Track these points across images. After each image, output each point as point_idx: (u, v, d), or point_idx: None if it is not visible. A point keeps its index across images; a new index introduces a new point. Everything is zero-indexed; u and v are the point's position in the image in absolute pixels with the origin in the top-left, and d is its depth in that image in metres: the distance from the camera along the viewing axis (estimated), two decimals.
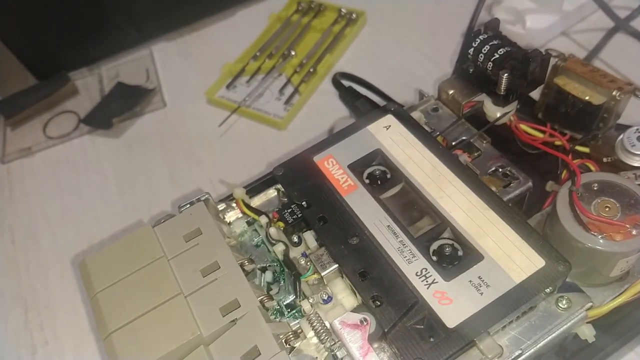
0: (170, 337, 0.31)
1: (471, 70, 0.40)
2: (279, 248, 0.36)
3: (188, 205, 0.37)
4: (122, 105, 0.61)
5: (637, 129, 0.38)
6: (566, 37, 0.59)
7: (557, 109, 0.42)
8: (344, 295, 0.33)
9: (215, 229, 0.35)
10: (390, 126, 0.39)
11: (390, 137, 0.38)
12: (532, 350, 0.30)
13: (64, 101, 0.64)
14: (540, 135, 0.42)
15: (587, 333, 0.32)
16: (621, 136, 0.38)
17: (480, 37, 0.39)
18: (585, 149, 0.41)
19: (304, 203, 0.36)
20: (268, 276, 0.36)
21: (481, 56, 0.39)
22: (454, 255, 0.32)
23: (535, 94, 0.43)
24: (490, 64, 0.38)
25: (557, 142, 0.42)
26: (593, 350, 0.35)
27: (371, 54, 0.62)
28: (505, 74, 0.37)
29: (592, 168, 0.39)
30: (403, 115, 0.39)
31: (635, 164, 0.38)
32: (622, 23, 0.57)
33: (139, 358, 0.30)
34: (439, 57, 0.59)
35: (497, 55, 0.38)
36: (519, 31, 0.57)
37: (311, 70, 0.59)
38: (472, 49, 0.39)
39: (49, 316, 0.47)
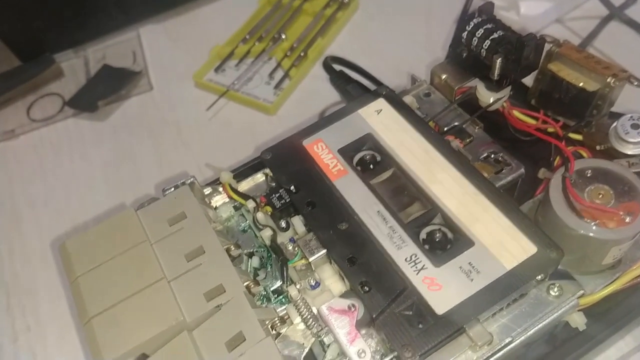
0: (152, 323, 0.30)
1: (464, 54, 0.39)
2: (266, 233, 0.35)
3: (172, 189, 0.36)
4: (108, 88, 0.60)
5: (631, 117, 0.38)
6: (560, 24, 0.58)
7: (551, 96, 0.41)
8: (332, 281, 0.33)
9: (200, 213, 0.34)
10: (381, 110, 0.38)
11: (381, 121, 0.38)
12: (523, 337, 0.30)
13: (48, 83, 0.63)
14: (533, 122, 0.41)
15: (578, 321, 0.32)
16: (615, 123, 0.38)
17: (474, 20, 0.38)
18: (579, 137, 0.41)
19: (292, 188, 0.36)
20: (255, 262, 0.35)
21: (475, 40, 0.38)
22: (444, 241, 0.32)
23: (529, 81, 0.43)
24: (484, 48, 0.37)
25: (550, 129, 0.41)
26: (583, 339, 0.34)
27: (363, 39, 0.61)
28: (499, 59, 0.37)
29: (585, 156, 0.38)
30: (395, 99, 0.39)
31: (629, 152, 0.37)
32: (617, 11, 0.57)
33: (120, 344, 0.29)
34: (432, 42, 0.58)
35: (491, 39, 0.37)
36: (513, 17, 0.56)
37: (302, 54, 0.58)
38: (465, 33, 0.38)
39: (32, 302, 0.46)
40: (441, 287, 0.29)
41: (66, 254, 0.33)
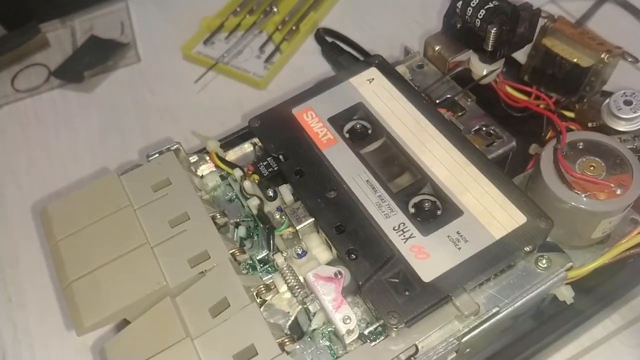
0: (134, 288, 0.29)
1: (459, 25, 0.39)
2: (253, 202, 0.34)
3: (157, 155, 0.35)
4: (95, 58, 0.59)
5: (624, 93, 0.37)
6: (555, 4, 0.57)
7: (544, 71, 0.41)
8: (319, 250, 0.32)
9: (185, 179, 0.33)
10: (373, 79, 0.37)
11: (372, 90, 0.37)
12: (510, 309, 0.29)
13: (33, 53, 0.62)
14: (526, 97, 0.41)
15: (566, 294, 0.31)
16: (608, 100, 0.38)
17: None
18: (571, 114, 0.41)
19: (280, 156, 0.35)
20: (241, 231, 0.35)
21: (469, 10, 0.37)
22: (433, 210, 0.31)
23: (522, 58, 0.42)
24: (478, 17, 0.37)
25: (542, 106, 0.41)
26: (570, 314, 0.34)
27: (356, 13, 0.60)
28: (494, 29, 0.36)
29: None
30: (387, 68, 0.38)
31: (621, 129, 0.37)
32: None
33: (101, 308, 0.29)
34: (426, 15, 0.57)
35: (485, 9, 0.36)
36: None
37: (294, 28, 0.57)
38: (460, 3, 0.38)
39: (13, 272, 0.45)
40: (429, 255, 0.29)
41: (47, 218, 0.32)
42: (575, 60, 0.39)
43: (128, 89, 0.57)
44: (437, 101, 0.39)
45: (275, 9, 0.59)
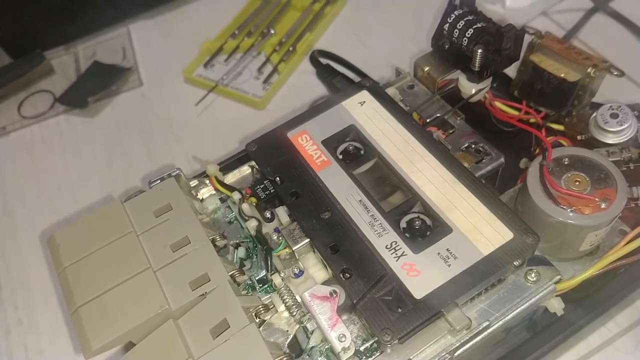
0: (138, 311, 0.30)
1: (447, 46, 0.40)
2: (252, 224, 0.35)
3: (158, 181, 0.37)
4: (98, 84, 0.60)
5: (611, 106, 0.38)
6: (546, 17, 0.59)
7: (533, 87, 0.42)
8: (316, 269, 0.33)
9: (186, 204, 0.35)
10: (364, 102, 0.39)
11: (364, 112, 0.38)
12: (501, 322, 0.30)
13: (39, 80, 0.63)
14: (516, 112, 0.42)
15: (556, 306, 0.32)
16: (595, 113, 0.39)
17: (456, 12, 0.39)
18: (560, 127, 0.42)
19: (277, 179, 0.36)
20: (241, 252, 0.36)
21: (456, 32, 0.39)
22: (424, 228, 0.32)
23: (512, 73, 0.43)
24: (465, 40, 0.38)
25: (532, 120, 0.42)
26: (563, 325, 0.35)
27: (351, 33, 0.61)
28: (480, 50, 0.37)
29: (565, 145, 0.39)
30: (378, 91, 0.39)
31: (608, 141, 0.38)
32: (601, 3, 0.57)
33: (107, 331, 0.30)
34: (419, 35, 0.58)
35: (471, 31, 0.38)
36: (498, 10, 0.56)
37: (290, 49, 0.58)
38: (447, 25, 0.39)
39: (23, 295, 0.47)
40: (420, 272, 0.30)
41: (54, 245, 0.34)
42: (562, 75, 0.40)
43: (131, 113, 0.58)
44: (428, 120, 0.40)
45: (272, 31, 0.60)
